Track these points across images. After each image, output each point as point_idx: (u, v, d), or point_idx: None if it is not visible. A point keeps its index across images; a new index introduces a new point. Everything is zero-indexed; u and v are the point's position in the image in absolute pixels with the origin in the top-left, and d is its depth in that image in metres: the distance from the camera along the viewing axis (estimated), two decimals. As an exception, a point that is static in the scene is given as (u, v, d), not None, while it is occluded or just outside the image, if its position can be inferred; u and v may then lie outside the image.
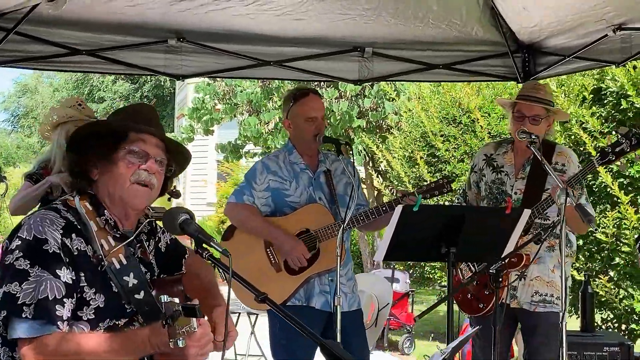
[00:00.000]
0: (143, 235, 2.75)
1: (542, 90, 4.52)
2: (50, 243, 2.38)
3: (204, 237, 2.38)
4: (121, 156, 2.56)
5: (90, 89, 43.27)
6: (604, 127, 6.32)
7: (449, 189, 4.48)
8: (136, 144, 2.58)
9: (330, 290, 4.39)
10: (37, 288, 2.32)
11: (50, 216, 2.46)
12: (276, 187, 4.42)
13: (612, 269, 6.23)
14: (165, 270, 2.83)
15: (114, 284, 2.50)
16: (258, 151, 13.00)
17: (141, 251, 2.71)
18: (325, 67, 5.77)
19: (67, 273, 2.38)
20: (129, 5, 4.70)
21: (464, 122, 8.96)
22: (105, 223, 2.56)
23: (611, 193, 6.08)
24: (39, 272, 2.34)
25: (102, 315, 2.46)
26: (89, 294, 2.44)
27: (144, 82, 40.99)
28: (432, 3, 5.06)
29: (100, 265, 2.48)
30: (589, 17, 4.82)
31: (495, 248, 4.00)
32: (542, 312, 4.43)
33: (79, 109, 4.96)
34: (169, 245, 2.89)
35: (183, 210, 2.46)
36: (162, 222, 2.51)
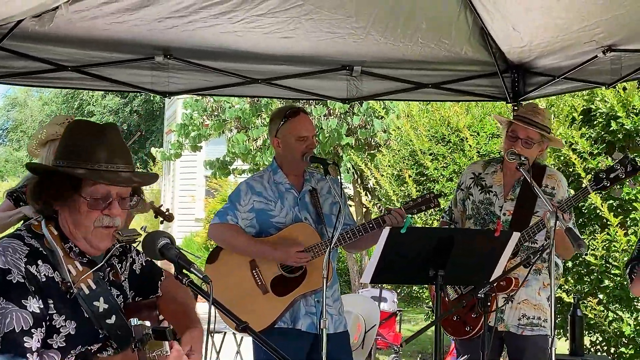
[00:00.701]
0: (114, 258, 2.66)
1: (541, 115, 4.45)
2: (14, 273, 2.31)
3: (184, 262, 2.32)
4: (82, 202, 2.45)
5: (80, 103, 43.16)
6: (593, 148, 6.30)
7: (436, 204, 4.44)
8: (98, 192, 2.46)
9: (316, 311, 4.33)
10: (2, 320, 2.25)
11: (13, 245, 2.38)
12: (261, 208, 4.35)
13: (601, 292, 6.18)
14: (140, 293, 2.76)
15: (84, 310, 2.43)
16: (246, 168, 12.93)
17: (113, 273, 2.63)
18: (313, 85, 5.74)
19: (33, 302, 2.31)
20: (116, 22, 4.66)
21: (452, 141, 8.92)
22: (70, 250, 2.48)
23: (601, 215, 6.05)
24: (4, 303, 2.27)
25: (73, 342, 2.39)
26: (58, 321, 2.37)
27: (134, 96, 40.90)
28: (421, 22, 5.05)
29: (68, 293, 2.41)
30: (579, 37, 4.81)
31: (484, 271, 3.93)
32: (530, 335, 4.38)
33: None
34: (144, 267, 2.81)
35: (164, 235, 2.39)
36: (142, 246, 2.44)
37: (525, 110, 4.53)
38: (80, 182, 2.44)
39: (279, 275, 4.32)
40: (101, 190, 2.47)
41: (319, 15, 4.80)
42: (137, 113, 41.93)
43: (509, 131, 4.44)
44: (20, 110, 49.90)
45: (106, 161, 2.47)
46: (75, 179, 2.44)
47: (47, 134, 4.82)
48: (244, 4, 4.56)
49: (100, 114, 42.15)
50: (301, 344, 4.29)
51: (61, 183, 2.44)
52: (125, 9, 4.48)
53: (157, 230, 2.44)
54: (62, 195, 2.44)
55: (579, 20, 4.57)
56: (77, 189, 2.44)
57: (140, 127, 40.86)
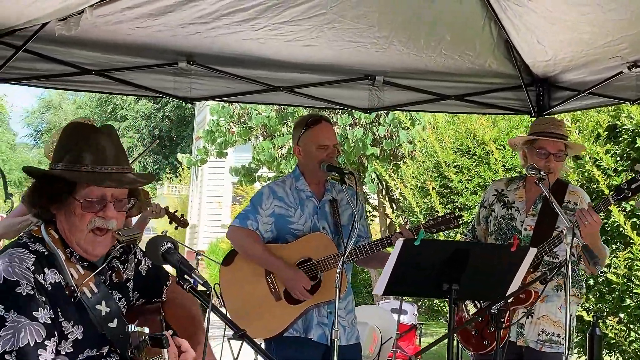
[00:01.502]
0: (115, 260, 2.65)
1: (562, 126, 4.45)
2: (23, 284, 2.29)
3: (186, 267, 2.30)
4: (76, 205, 2.44)
5: (113, 107, 43.62)
6: (618, 165, 6.20)
7: (457, 225, 4.39)
8: (92, 194, 2.45)
9: (328, 322, 4.29)
10: (16, 334, 2.23)
11: (19, 254, 2.36)
12: (281, 213, 4.35)
13: (622, 311, 6.08)
14: (144, 295, 2.76)
15: (89, 314, 2.42)
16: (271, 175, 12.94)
17: (114, 275, 2.62)
18: (335, 94, 5.72)
19: (44, 313, 2.30)
20: (140, 27, 4.69)
21: (478, 154, 8.86)
22: (71, 255, 2.47)
23: (624, 233, 5.95)
24: (16, 317, 2.25)
25: (80, 347, 2.39)
26: (67, 327, 2.36)
27: (166, 102, 41.27)
28: (445, 33, 5.01)
29: (73, 297, 2.40)
30: (604, 52, 4.76)
31: (499, 286, 3.86)
32: (549, 352, 4.33)
33: None
34: (150, 269, 2.80)
35: (166, 240, 2.38)
36: (145, 250, 2.43)
37: (546, 125, 4.48)
38: (75, 185, 2.44)
39: (292, 284, 4.30)
40: (95, 192, 2.46)
41: (342, 24, 4.79)
42: (169, 118, 42.27)
43: (537, 148, 4.37)
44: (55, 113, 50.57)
45: (96, 163, 2.45)
46: (70, 182, 2.43)
47: None
48: (267, 12, 4.56)
49: (133, 118, 42.57)
50: (313, 354, 4.27)
51: (56, 186, 2.43)
52: (149, 14, 4.50)
53: (160, 235, 2.44)
54: (58, 199, 2.43)
55: (604, 35, 4.51)
56: (71, 192, 2.43)
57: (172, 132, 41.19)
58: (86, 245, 2.46)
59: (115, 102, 43.88)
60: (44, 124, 51.74)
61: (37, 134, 52.44)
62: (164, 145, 41.03)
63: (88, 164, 2.44)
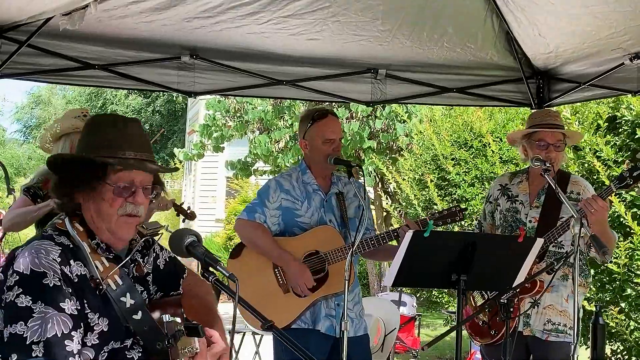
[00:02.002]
0: (137, 253, 2.67)
1: (558, 117, 4.53)
2: (50, 276, 2.31)
3: (211, 260, 2.33)
4: (106, 190, 2.47)
5: (103, 102, 43.46)
6: (618, 156, 6.25)
7: (461, 218, 4.44)
8: (122, 180, 2.49)
9: (335, 314, 4.33)
10: (43, 325, 2.25)
11: (45, 246, 2.38)
12: (288, 207, 4.37)
13: (623, 300, 6.13)
14: (163, 288, 2.77)
15: (113, 306, 2.44)
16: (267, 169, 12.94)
17: (136, 268, 2.65)
18: (337, 87, 5.75)
19: (71, 304, 2.32)
20: (144, 21, 4.69)
21: (475, 146, 8.90)
22: (97, 247, 2.49)
23: (624, 223, 6.00)
24: (43, 308, 2.27)
25: (105, 339, 2.40)
26: (93, 319, 2.38)
27: (157, 96, 41.13)
28: (447, 26, 5.04)
29: (98, 289, 2.42)
30: (606, 45, 4.79)
31: (507, 277, 3.91)
32: (554, 341, 4.36)
33: (85, 120, 4.74)
34: (168, 262, 2.82)
35: (190, 232, 2.40)
36: (169, 244, 2.45)
37: (543, 117, 4.54)
38: (105, 171, 2.46)
39: (301, 276, 4.33)
40: (126, 177, 2.49)
41: (346, 18, 4.81)
42: (159, 113, 42.15)
43: (537, 140, 4.42)
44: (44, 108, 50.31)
45: (127, 149, 2.50)
46: (101, 168, 2.46)
47: (62, 128, 4.74)
48: (271, 5, 4.58)
49: (123, 113, 42.38)
50: (321, 345, 4.30)
51: (87, 172, 2.45)
52: (154, 9, 4.51)
53: (184, 228, 2.46)
54: (88, 185, 2.46)
55: (607, 28, 4.55)
56: (103, 177, 2.46)
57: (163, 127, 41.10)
58: (117, 228, 2.49)
59: (105, 97, 43.70)
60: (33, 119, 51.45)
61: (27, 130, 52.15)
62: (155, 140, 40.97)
63: (120, 151, 2.48)
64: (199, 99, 21.25)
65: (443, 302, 9.75)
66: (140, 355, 2.47)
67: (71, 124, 4.73)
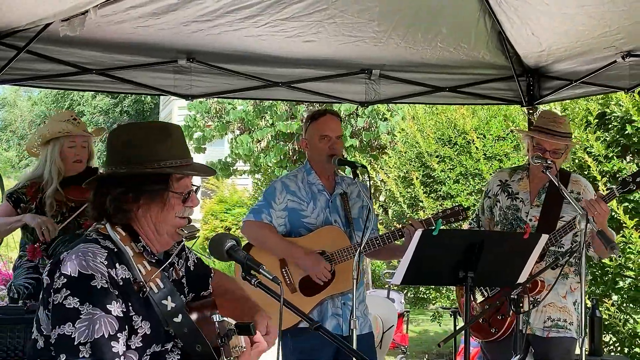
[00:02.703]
0: (174, 256, 2.71)
1: (563, 123, 4.47)
2: (97, 278, 2.34)
3: (253, 264, 2.37)
4: (173, 197, 2.54)
5: (70, 103, 43.01)
6: (608, 152, 6.38)
7: (465, 217, 4.51)
8: (184, 186, 2.57)
9: (342, 313, 4.39)
10: (90, 326, 2.28)
11: (92, 249, 2.41)
12: (294, 207, 4.41)
13: (615, 293, 6.26)
14: (194, 289, 2.81)
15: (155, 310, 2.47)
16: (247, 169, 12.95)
17: (174, 272, 2.69)
18: (332, 88, 5.80)
19: (117, 307, 2.35)
20: (142, 26, 4.70)
21: (459, 143, 9.01)
22: (143, 250, 2.53)
23: (616, 217, 6.13)
24: (90, 309, 2.30)
25: (148, 341, 2.44)
26: (137, 322, 2.41)
27: (124, 97, 40.83)
28: (442, 27, 5.11)
29: (141, 292, 2.46)
30: (598, 43, 4.88)
31: (512, 273, 3.98)
32: (555, 337, 4.42)
33: (75, 124, 4.75)
34: (197, 263, 2.87)
35: (230, 237, 2.44)
36: (209, 249, 2.49)
37: (546, 121, 4.51)
38: (167, 179, 2.52)
39: (307, 276, 4.37)
40: (186, 183, 2.57)
41: (342, 19, 4.86)
42: (127, 113, 41.85)
43: (535, 144, 4.46)
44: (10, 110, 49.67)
45: (182, 156, 2.57)
46: (164, 178, 2.51)
47: (51, 132, 4.69)
48: (270, 9, 4.61)
49: (91, 114, 42.02)
50: (329, 344, 4.33)
51: (156, 184, 2.51)
52: (153, 13, 4.52)
53: (223, 233, 2.50)
54: (156, 196, 2.51)
55: (601, 27, 4.63)
56: (167, 186, 2.52)
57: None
58: (172, 235, 2.56)
59: (72, 98, 43.27)
60: (-1, 121, 50.80)
61: (-7, 132, 51.46)
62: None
63: (177, 159, 2.54)
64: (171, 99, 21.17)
65: (430, 298, 9.86)
66: (179, 358, 2.50)
67: (60, 128, 4.69)
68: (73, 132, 4.67)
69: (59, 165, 4.59)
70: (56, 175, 4.60)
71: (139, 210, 2.53)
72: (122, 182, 2.51)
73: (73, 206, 4.53)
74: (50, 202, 4.53)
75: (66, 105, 43.26)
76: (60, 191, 4.56)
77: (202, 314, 2.60)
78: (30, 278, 4.49)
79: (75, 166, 4.66)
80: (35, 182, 4.62)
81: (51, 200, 4.54)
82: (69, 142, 4.62)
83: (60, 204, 4.55)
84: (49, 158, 4.63)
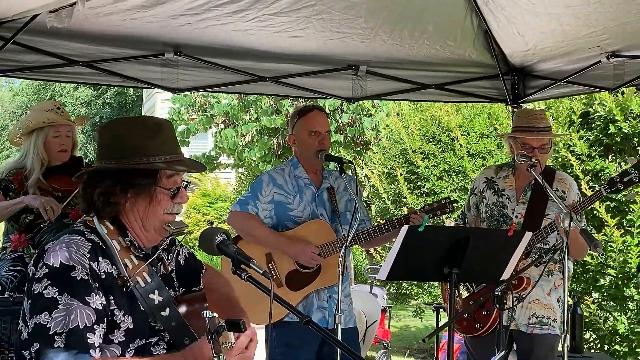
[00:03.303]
0: (162, 251, 2.72)
1: (543, 119, 4.54)
2: (78, 269, 2.34)
3: (243, 258, 2.38)
4: (161, 192, 2.53)
5: (52, 94, 42.68)
6: (591, 151, 6.44)
7: (452, 209, 4.54)
8: (173, 182, 2.56)
9: (328, 306, 4.41)
10: (67, 317, 2.28)
11: (76, 241, 2.41)
12: (280, 200, 4.44)
13: (596, 291, 6.33)
14: (184, 284, 2.82)
15: (140, 304, 2.48)
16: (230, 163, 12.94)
17: (162, 266, 2.69)
18: (319, 84, 5.81)
19: (96, 299, 2.35)
20: (130, 19, 4.69)
21: (443, 140, 9.06)
22: (130, 244, 2.53)
23: (598, 216, 6.20)
24: (68, 300, 2.30)
25: (132, 336, 2.44)
26: (119, 316, 2.41)
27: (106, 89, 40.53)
28: (428, 24, 5.14)
29: (125, 286, 2.46)
30: (584, 43, 4.94)
31: (496, 269, 4.03)
32: (539, 334, 4.46)
33: (59, 113, 4.67)
34: (188, 258, 2.87)
35: (220, 231, 2.45)
36: (199, 243, 2.49)
37: (527, 119, 4.55)
38: (156, 175, 2.52)
39: (293, 270, 4.40)
40: (177, 180, 2.57)
41: (330, 15, 4.87)
42: (109, 105, 41.59)
43: (522, 144, 4.49)
44: (-10, 100, 49.26)
45: (172, 152, 2.56)
46: (154, 173, 2.51)
47: (35, 122, 4.61)
48: (258, 3, 4.62)
49: (73, 105, 41.71)
50: (312, 338, 4.36)
51: (145, 179, 2.50)
52: (141, 6, 4.51)
53: (213, 227, 2.51)
54: (143, 191, 2.50)
55: (587, 27, 4.68)
56: (155, 182, 2.52)
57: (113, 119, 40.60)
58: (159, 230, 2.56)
59: (54, 89, 42.93)
60: (-21, 112, 50.33)
61: (-27, 123, 50.99)
62: (105, 132, 40.41)
63: (166, 155, 2.53)
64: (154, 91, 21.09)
65: (412, 294, 9.91)
66: (165, 352, 2.51)
67: (44, 118, 4.62)
68: (57, 121, 4.61)
69: (42, 155, 4.56)
70: (38, 165, 4.55)
71: (127, 204, 2.53)
72: (111, 176, 2.50)
73: (59, 196, 4.50)
74: (33, 192, 4.50)
75: (48, 96, 42.90)
76: (43, 181, 4.53)
77: (191, 307, 2.61)
78: (14, 270, 4.47)
79: (60, 156, 4.63)
80: (20, 172, 4.60)
81: (34, 190, 4.50)
82: (53, 131, 4.58)
83: (45, 193, 4.53)
84: (32, 148, 4.58)
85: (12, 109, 45.89)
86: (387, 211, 9.43)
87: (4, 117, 45.89)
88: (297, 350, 4.35)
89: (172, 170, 2.54)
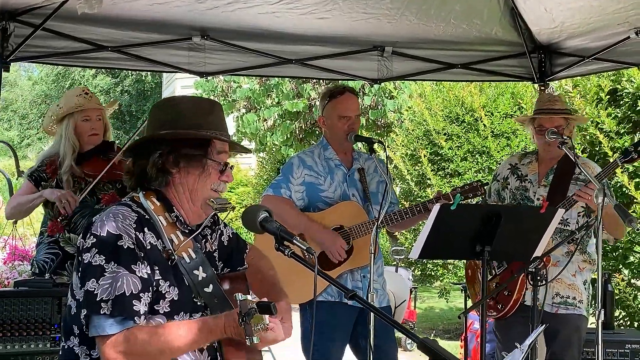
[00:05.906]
0: (207, 229, 2.76)
1: (559, 102, 4.55)
2: (124, 239, 2.39)
3: (286, 234, 2.40)
4: (212, 165, 2.57)
5: (71, 83, 42.89)
6: (619, 128, 6.41)
7: (482, 192, 4.55)
8: (219, 157, 2.59)
9: (362, 286, 4.43)
10: (113, 284, 2.33)
11: (122, 211, 2.46)
12: (311, 182, 4.46)
13: (626, 268, 6.32)
14: (228, 264, 2.86)
15: (185, 278, 2.51)
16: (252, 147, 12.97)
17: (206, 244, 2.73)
18: (345, 65, 5.82)
19: (142, 268, 2.39)
20: (157, 3, 4.73)
21: (467, 121, 9.03)
22: (176, 219, 2.56)
23: (627, 193, 6.17)
24: (115, 267, 2.34)
25: (177, 307, 2.48)
26: (164, 287, 2.45)
27: (125, 76, 40.73)
28: (454, 3, 5.12)
29: (170, 260, 2.49)
30: (612, 19, 4.89)
31: (528, 247, 4.01)
32: (564, 314, 4.45)
33: (87, 98, 4.71)
34: (231, 238, 2.90)
35: (263, 208, 2.47)
36: (242, 220, 2.52)
37: (542, 103, 4.61)
38: (207, 148, 2.55)
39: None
40: (223, 157, 2.61)
41: (357, -4, 4.87)
42: (128, 93, 41.75)
43: (536, 126, 4.51)
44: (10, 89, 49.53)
45: (223, 130, 2.61)
46: (204, 144, 2.54)
47: (66, 108, 4.66)
48: (284, -14, 4.63)
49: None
50: (348, 318, 4.40)
51: (200, 149, 2.54)
52: (170, -10, 4.54)
53: (256, 204, 2.53)
54: (195, 161, 2.54)
55: (615, 2, 4.65)
56: (207, 154, 2.55)
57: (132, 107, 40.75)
58: (204, 207, 2.60)
59: (73, 78, 43.13)
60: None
61: (-7, 112, 51.36)
62: (124, 120, 40.64)
63: (220, 132, 2.58)
64: (174, 77, 21.14)
65: (437, 274, 9.92)
66: None
67: (73, 103, 4.67)
68: (85, 105, 4.65)
69: (73, 141, 4.60)
70: (70, 151, 4.59)
71: (178, 175, 2.56)
72: (165, 143, 2.53)
73: (92, 181, 4.55)
74: (67, 179, 4.55)
75: (67, 84, 43.15)
76: (75, 167, 4.58)
77: (232, 285, 2.65)
78: (50, 253, 4.53)
79: (91, 139, 4.67)
80: (53, 160, 4.64)
81: (67, 177, 4.56)
82: (82, 116, 4.63)
83: (79, 179, 4.58)
84: (64, 134, 4.62)
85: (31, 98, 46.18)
86: (411, 193, 9.43)
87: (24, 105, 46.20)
88: (331, 330, 4.38)
89: (223, 140, 2.58)
